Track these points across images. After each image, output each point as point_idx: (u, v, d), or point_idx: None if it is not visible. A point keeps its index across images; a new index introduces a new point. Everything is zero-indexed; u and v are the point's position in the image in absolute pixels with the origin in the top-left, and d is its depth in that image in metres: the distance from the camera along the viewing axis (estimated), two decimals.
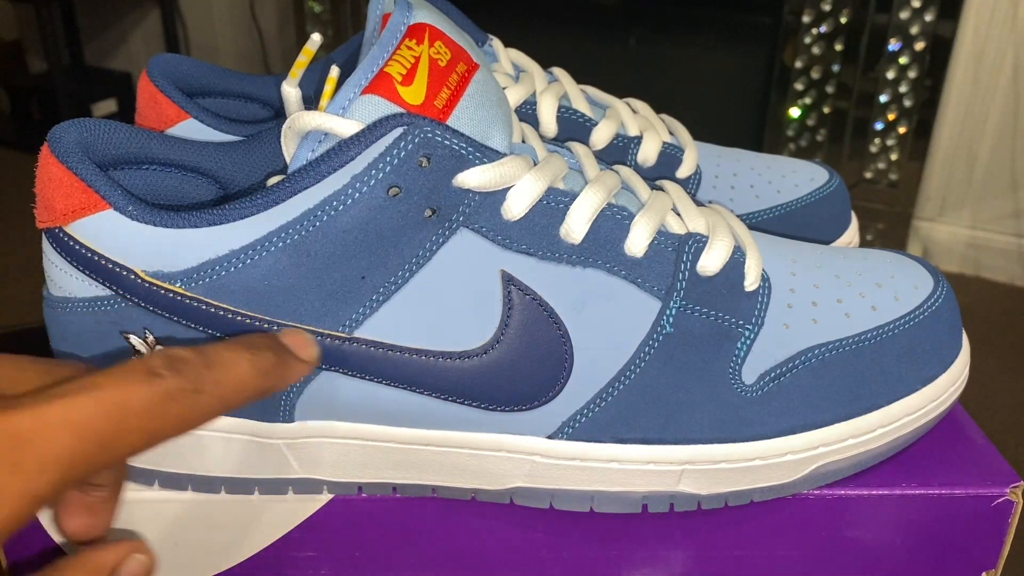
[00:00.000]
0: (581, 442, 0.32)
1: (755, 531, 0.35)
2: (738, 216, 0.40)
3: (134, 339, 0.31)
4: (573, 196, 0.31)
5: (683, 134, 0.44)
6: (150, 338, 0.31)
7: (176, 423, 0.24)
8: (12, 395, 0.22)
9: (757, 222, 0.43)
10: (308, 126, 0.28)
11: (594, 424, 0.32)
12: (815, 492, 0.34)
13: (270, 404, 0.32)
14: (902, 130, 1.48)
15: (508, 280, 0.30)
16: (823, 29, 1.46)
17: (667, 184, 0.35)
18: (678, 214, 0.33)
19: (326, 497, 0.34)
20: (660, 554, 0.35)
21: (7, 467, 0.21)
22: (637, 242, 0.31)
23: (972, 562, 0.36)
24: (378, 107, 0.28)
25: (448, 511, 0.34)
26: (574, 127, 0.41)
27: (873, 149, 1.51)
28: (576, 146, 0.34)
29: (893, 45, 1.44)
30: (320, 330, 0.30)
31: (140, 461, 0.33)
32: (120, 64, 2.16)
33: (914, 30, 1.42)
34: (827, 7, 1.44)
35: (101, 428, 0.22)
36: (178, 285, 0.29)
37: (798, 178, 0.45)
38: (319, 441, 0.32)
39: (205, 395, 0.25)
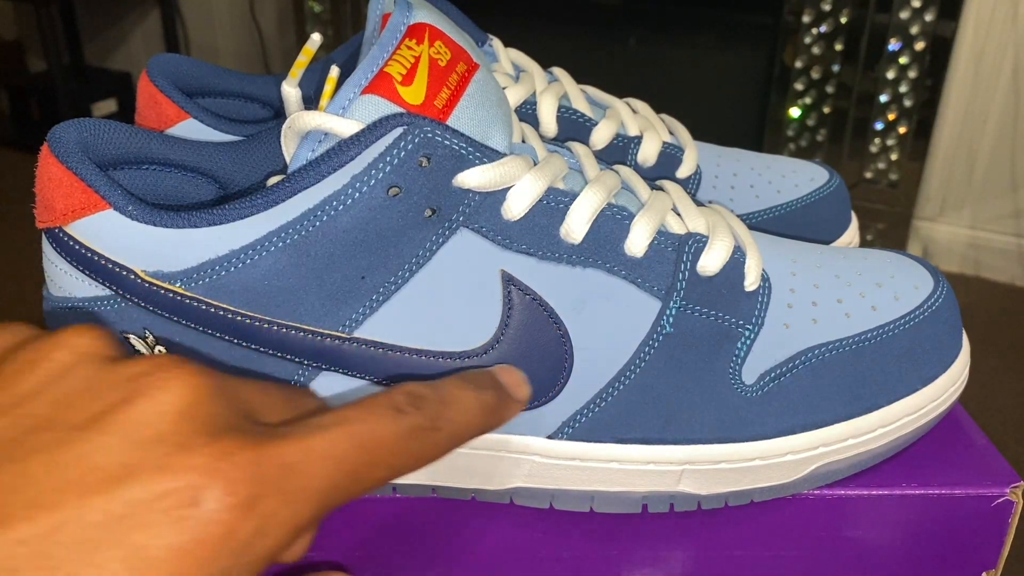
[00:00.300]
0: (581, 442, 0.32)
1: (755, 531, 0.35)
2: (738, 216, 0.40)
3: (134, 339, 0.31)
4: (573, 196, 0.31)
5: (683, 134, 0.44)
6: (150, 338, 0.31)
7: (415, 459, 0.25)
8: (273, 424, 0.23)
9: (757, 222, 0.43)
10: (308, 126, 0.28)
11: (594, 424, 0.32)
12: (815, 492, 0.34)
13: None
14: (902, 130, 1.49)
15: (508, 280, 0.30)
16: (823, 29, 1.46)
17: (667, 184, 0.35)
18: (678, 214, 0.33)
19: None
20: (660, 554, 0.35)
21: (278, 496, 0.21)
22: (637, 242, 0.31)
23: (972, 562, 0.36)
24: (378, 107, 0.28)
25: (448, 511, 0.34)
26: (574, 127, 0.41)
27: (873, 149, 1.51)
28: (576, 146, 0.34)
29: (893, 45, 1.44)
30: (320, 330, 0.30)
31: None
32: (120, 64, 2.17)
33: (914, 30, 1.42)
34: (827, 7, 1.44)
35: (355, 461, 0.23)
36: (178, 285, 0.29)
37: (798, 178, 0.45)
38: None
39: (441, 432, 0.26)
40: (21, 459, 0.20)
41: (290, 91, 0.34)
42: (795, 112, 1.52)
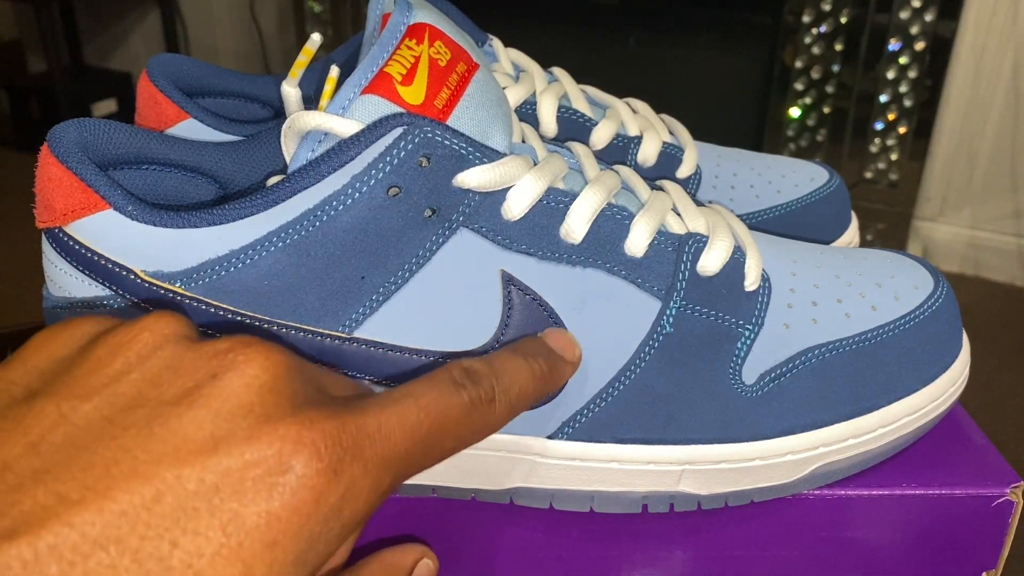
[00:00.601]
0: (581, 442, 0.32)
1: (755, 531, 0.35)
2: (738, 216, 0.40)
3: None
4: (573, 196, 0.31)
5: (683, 134, 0.44)
6: None
7: (476, 431, 0.26)
8: (347, 398, 0.24)
9: (757, 222, 0.43)
10: (308, 126, 0.28)
11: (594, 424, 0.32)
12: (815, 492, 0.34)
13: None
14: (902, 130, 1.49)
15: (508, 280, 0.30)
16: (823, 29, 1.46)
17: (667, 184, 0.35)
18: (678, 214, 0.33)
19: None
20: (660, 554, 0.35)
21: (361, 463, 0.22)
22: (637, 242, 0.31)
23: (972, 562, 0.36)
24: (378, 107, 0.28)
25: (448, 511, 0.34)
26: (574, 127, 0.41)
27: (873, 149, 1.51)
28: (576, 146, 0.34)
29: (893, 45, 1.44)
30: (320, 330, 0.30)
31: None
32: (120, 64, 2.17)
33: (914, 30, 1.42)
34: (827, 7, 1.44)
35: (427, 432, 0.24)
36: (178, 285, 0.29)
37: (798, 178, 0.45)
38: None
39: (497, 404, 0.27)
40: (117, 436, 0.21)
41: (290, 91, 0.34)
42: (795, 112, 1.52)
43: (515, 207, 0.30)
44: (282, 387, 0.22)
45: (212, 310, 0.29)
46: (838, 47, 1.47)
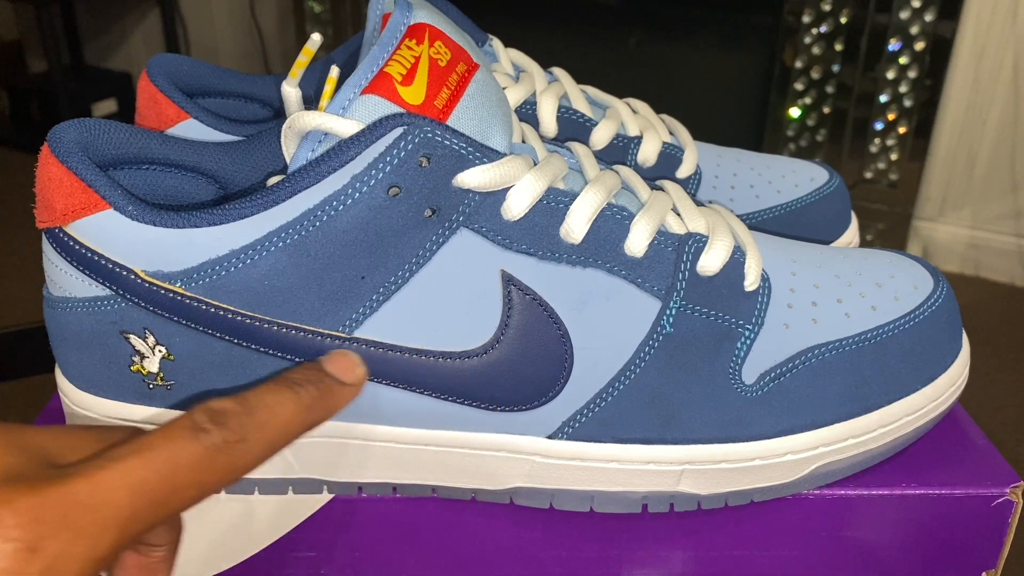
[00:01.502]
0: (581, 442, 0.32)
1: (755, 531, 0.35)
2: (738, 216, 0.40)
3: (134, 339, 0.31)
4: (573, 196, 0.31)
5: (683, 134, 0.44)
6: (150, 338, 0.31)
7: (224, 474, 0.25)
8: (68, 463, 0.23)
9: (757, 222, 0.43)
10: (308, 126, 0.28)
11: (594, 424, 0.32)
12: (815, 492, 0.34)
13: None
14: (902, 130, 1.49)
15: (508, 280, 0.30)
16: (823, 29, 1.46)
17: (667, 184, 0.35)
18: (678, 214, 0.33)
19: (326, 497, 0.34)
20: (660, 554, 0.35)
21: (70, 533, 0.22)
22: (637, 242, 0.31)
23: (972, 562, 0.36)
24: (378, 107, 0.28)
25: (448, 511, 0.34)
26: (574, 127, 0.41)
27: (873, 149, 1.51)
28: (576, 146, 0.34)
29: (893, 45, 1.44)
30: (320, 330, 0.30)
31: None
32: (120, 64, 2.16)
33: (914, 30, 1.42)
34: (827, 7, 1.44)
35: (154, 487, 0.23)
36: (178, 285, 0.29)
37: (798, 178, 0.45)
38: (319, 441, 0.32)
39: (250, 442, 0.26)
40: None
41: (290, 91, 0.35)
42: (795, 112, 1.52)
43: (515, 207, 0.30)
44: None
45: (212, 310, 0.29)
46: (838, 47, 1.46)
